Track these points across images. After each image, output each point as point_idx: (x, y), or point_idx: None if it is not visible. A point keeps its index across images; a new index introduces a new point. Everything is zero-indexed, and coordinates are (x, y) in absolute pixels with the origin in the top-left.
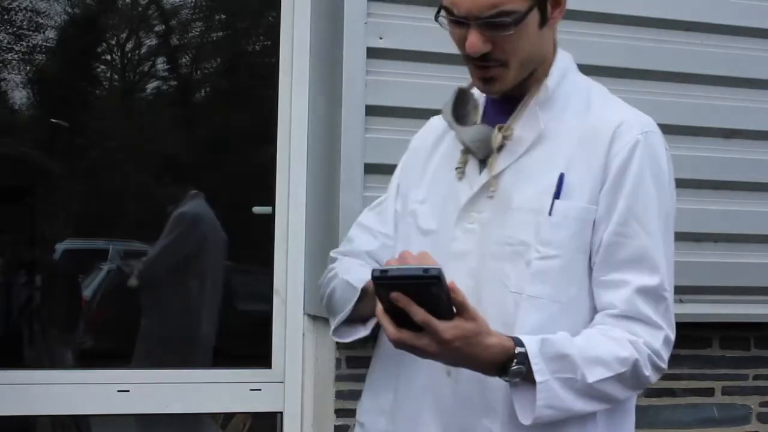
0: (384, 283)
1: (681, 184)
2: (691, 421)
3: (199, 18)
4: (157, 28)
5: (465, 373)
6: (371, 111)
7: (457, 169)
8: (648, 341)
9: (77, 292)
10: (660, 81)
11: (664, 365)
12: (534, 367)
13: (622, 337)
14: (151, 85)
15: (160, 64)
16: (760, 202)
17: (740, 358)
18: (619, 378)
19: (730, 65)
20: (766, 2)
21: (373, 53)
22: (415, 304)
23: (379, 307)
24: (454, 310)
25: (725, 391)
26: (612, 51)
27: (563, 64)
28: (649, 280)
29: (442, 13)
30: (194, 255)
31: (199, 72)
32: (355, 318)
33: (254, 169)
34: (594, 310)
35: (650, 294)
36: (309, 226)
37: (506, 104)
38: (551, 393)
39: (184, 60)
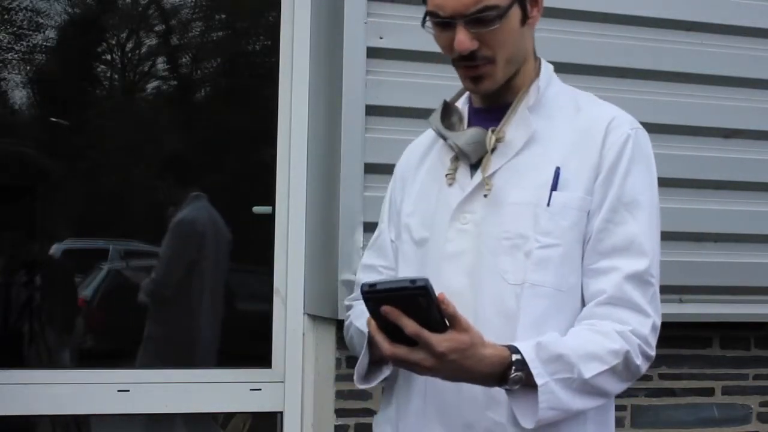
0: (373, 297)
1: (681, 184)
2: (691, 421)
3: (199, 18)
4: (157, 28)
5: None
6: (371, 111)
7: (447, 175)
8: (636, 329)
9: (77, 292)
10: (660, 81)
11: (653, 353)
12: (533, 371)
13: (610, 330)
14: (151, 85)
15: (160, 64)
16: (760, 202)
17: (740, 358)
18: (613, 371)
19: (730, 65)
20: (766, 2)
21: (373, 53)
22: (405, 316)
23: (373, 324)
24: (447, 323)
25: (725, 391)
26: (612, 51)
27: (548, 70)
28: (637, 265)
29: (428, 18)
30: (195, 260)
31: (199, 72)
32: (377, 359)
33: (254, 169)
34: None
35: (638, 279)
36: (309, 226)
37: (491, 112)
38: (552, 395)
39: (184, 60)
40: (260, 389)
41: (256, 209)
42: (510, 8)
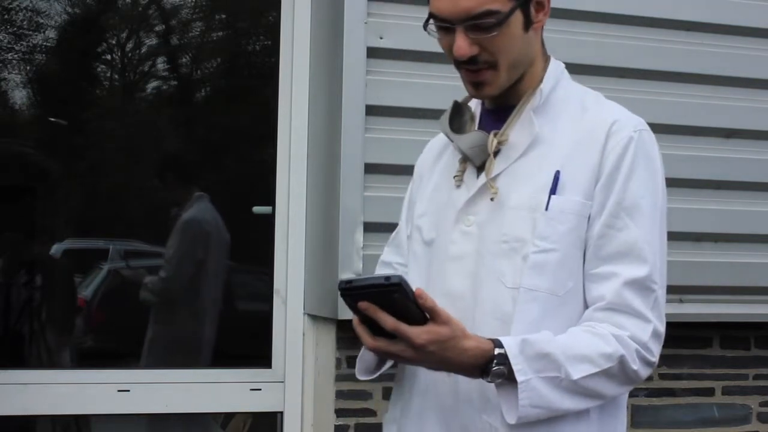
0: (350, 293)
1: (681, 184)
2: (691, 421)
3: (199, 18)
4: (157, 28)
5: None
6: (371, 111)
7: (455, 177)
8: (635, 334)
9: (77, 292)
10: (660, 81)
11: (654, 359)
12: (515, 368)
13: (606, 332)
14: (151, 85)
15: (160, 64)
16: (760, 202)
17: (740, 358)
18: (606, 373)
19: (730, 65)
20: (766, 2)
21: (373, 53)
22: (383, 312)
23: (355, 318)
24: (427, 316)
25: (725, 391)
26: (612, 51)
27: (556, 70)
28: (637, 271)
29: (431, 21)
30: (202, 259)
31: (199, 72)
32: None
33: (254, 169)
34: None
35: (638, 286)
36: (309, 226)
37: (501, 113)
38: (534, 392)
39: (184, 60)
40: (260, 389)
41: (256, 209)
42: (511, 14)
